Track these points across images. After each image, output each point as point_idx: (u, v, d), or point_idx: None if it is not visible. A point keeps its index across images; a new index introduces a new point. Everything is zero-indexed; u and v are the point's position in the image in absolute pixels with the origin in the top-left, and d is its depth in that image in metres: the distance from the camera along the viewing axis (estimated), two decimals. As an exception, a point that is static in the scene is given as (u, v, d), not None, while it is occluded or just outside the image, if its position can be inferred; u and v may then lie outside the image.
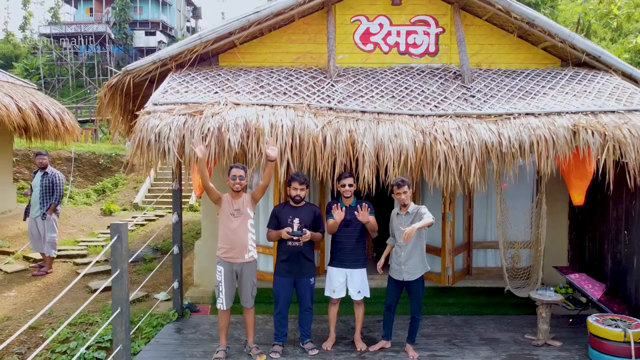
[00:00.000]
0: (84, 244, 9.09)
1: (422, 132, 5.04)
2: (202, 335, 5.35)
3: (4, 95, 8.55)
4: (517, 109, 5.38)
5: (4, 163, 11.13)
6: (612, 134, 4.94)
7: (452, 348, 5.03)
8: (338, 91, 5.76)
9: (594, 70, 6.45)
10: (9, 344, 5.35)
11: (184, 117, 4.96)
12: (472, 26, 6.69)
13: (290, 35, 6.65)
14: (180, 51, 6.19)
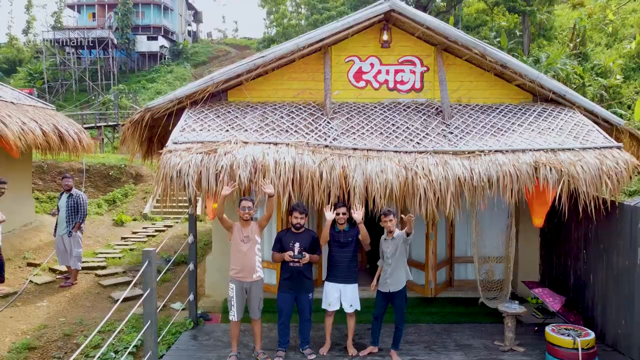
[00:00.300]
0: (102, 256, 9.94)
1: (405, 168, 5.89)
2: (215, 342, 6.20)
3: (30, 120, 9.38)
4: (488, 146, 6.23)
5: (24, 177, 11.94)
6: (567, 170, 5.79)
7: (430, 353, 5.89)
8: (333, 128, 6.62)
9: (560, 106, 7.30)
10: (48, 349, 6.24)
11: (201, 155, 5.82)
12: (454, 65, 7.53)
13: (291, 74, 7.50)
14: (194, 91, 7.04)
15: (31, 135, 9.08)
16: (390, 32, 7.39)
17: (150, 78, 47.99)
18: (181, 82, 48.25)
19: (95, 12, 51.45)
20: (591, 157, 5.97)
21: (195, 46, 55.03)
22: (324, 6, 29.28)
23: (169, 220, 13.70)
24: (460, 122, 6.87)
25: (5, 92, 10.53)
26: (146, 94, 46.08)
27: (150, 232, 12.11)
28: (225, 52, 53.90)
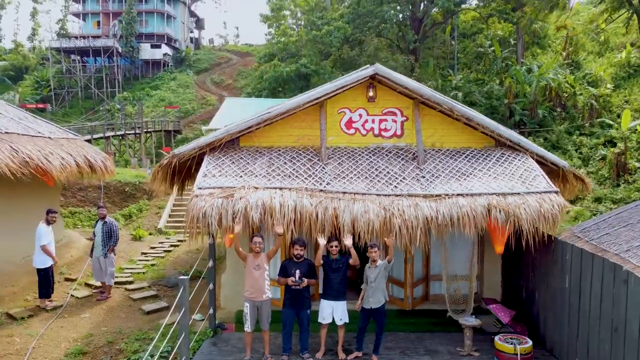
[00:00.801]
0: (128, 271, 11.46)
1: (384, 209, 7.42)
2: (232, 348, 7.73)
3: (67, 154, 10.90)
4: (452, 190, 7.75)
5: (54, 198, 13.43)
6: (513, 211, 7.31)
7: (404, 357, 7.42)
8: (327, 173, 8.14)
9: (516, 151, 8.82)
10: (96, 354, 7.78)
11: (221, 200, 7.34)
12: (429, 115, 9.05)
13: (292, 123, 9.01)
14: (213, 140, 8.57)
15: (69, 168, 10.59)
16: (375, 88, 8.91)
17: (154, 85, 49.57)
18: (184, 89, 49.84)
19: (100, 21, 52.99)
20: (533, 200, 7.49)
21: (197, 53, 56.57)
22: (322, 22, 30.78)
23: (181, 235, 15.21)
24: (432, 167, 8.39)
25: (41, 126, 12.04)
26: (150, 101, 47.65)
27: (166, 247, 13.63)
28: (227, 59, 55.46)
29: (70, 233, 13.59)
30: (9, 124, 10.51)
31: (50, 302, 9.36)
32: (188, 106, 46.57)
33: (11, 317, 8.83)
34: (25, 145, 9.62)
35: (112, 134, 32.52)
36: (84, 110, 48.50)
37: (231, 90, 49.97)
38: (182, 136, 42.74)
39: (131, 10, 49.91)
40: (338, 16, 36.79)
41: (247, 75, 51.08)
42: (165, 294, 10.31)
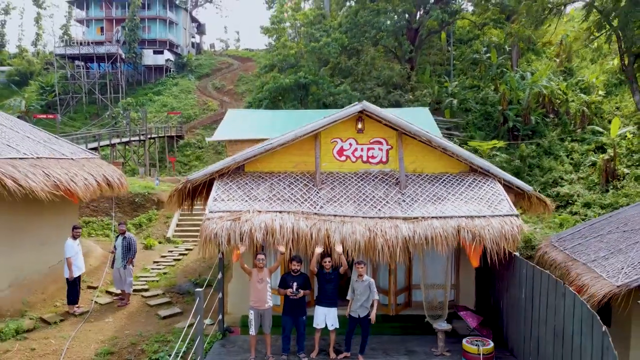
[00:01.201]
0: (143, 280, 12.75)
1: (369, 230, 8.71)
2: (238, 349, 9.03)
3: (88, 174, 12.20)
4: (428, 213, 9.05)
5: (73, 212, 14.74)
6: (479, 232, 8.60)
7: (386, 357, 8.72)
8: (321, 197, 9.44)
9: (487, 177, 10.11)
10: (122, 354, 9.09)
11: (229, 222, 8.63)
12: (411, 144, 10.33)
13: (291, 151, 10.29)
14: (221, 168, 9.88)
15: (91, 187, 11.89)
16: (363, 121, 10.20)
17: (156, 91, 50.80)
18: (186, 94, 51.09)
19: (104, 27, 54.22)
20: (497, 222, 8.78)
21: (199, 58, 57.82)
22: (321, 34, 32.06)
23: (188, 243, 16.53)
24: (412, 191, 9.69)
25: (63, 146, 13.34)
26: (153, 106, 48.90)
27: (175, 256, 14.93)
28: (228, 64, 56.69)
29: (88, 243, 14.87)
30: (38, 148, 11.81)
31: (77, 308, 10.67)
32: (190, 111, 47.83)
33: (45, 322, 10.13)
34: (54, 169, 10.91)
35: (117, 141, 33.76)
36: (88, 116, 49.79)
37: (232, 95, 51.24)
38: (184, 141, 44.04)
39: (134, 17, 51.17)
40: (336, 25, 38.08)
41: (248, 80, 52.34)
42: (178, 301, 11.61)
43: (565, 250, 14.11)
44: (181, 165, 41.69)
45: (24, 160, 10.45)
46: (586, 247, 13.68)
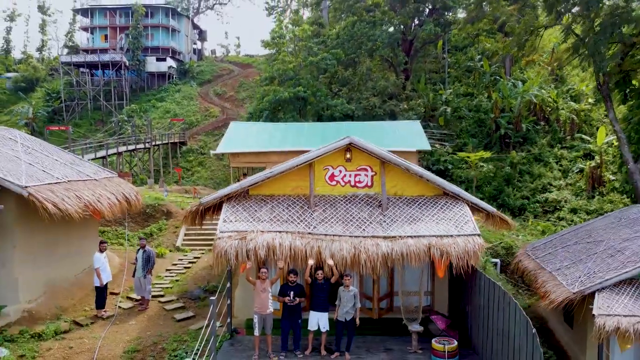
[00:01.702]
0: (158, 287, 14.44)
1: (354, 247, 10.44)
2: (244, 347, 10.76)
3: (110, 194, 13.92)
4: (404, 232, 10.76)
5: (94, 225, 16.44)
6: (446, 250, 10.33)
7: (368, 354, 10.46)
8: (314, 219, 11.16)
9: (457, 200, 11.82)
10: (146, 352, 10.83)
11: (237, 241, 10.36)
12: (392, 171, 12.04)
13: (290, 176, 12.01)
14: (229, 192, 11.62)
15: (114, 206, 13.62)
16: (351, 152, 11.92)
17: (159, 97, 52.54)
18: (188, 101, 52.82)
19: (108, 34, 55.89)
20: (462, 241, 10.51)
21: (200, 65, 59.54)
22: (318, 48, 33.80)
23: (196, 252, 18.24)
24: (392, 213, 11.41)
25: (87, 167, 15.06)
26: (156, 112, 50.65)
27: (185, 264, 16.64)
28: (229, 71, 58.42)
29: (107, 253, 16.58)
30: (67, 171, 13.54)
31: (104, 312, 12.40)
32: (192, 118, 49.55)
33: (78, 324, 11.87)
34: (83, 191, 12.63)
35: (124, 149, 35.46)
36: (93, 122, 51.55)
37: (233, 101, 52.98)
38: (187, 147, 45.77)
39: (138, 25, 52.88)
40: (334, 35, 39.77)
41: (248, 87, 54.08)
42: (190, 305, 13.34)
43: (536, 259, 15.91)
44: (184, 171, 43.42)
45: (59, 185, 12.17)
46: (554, 257, 15.47)
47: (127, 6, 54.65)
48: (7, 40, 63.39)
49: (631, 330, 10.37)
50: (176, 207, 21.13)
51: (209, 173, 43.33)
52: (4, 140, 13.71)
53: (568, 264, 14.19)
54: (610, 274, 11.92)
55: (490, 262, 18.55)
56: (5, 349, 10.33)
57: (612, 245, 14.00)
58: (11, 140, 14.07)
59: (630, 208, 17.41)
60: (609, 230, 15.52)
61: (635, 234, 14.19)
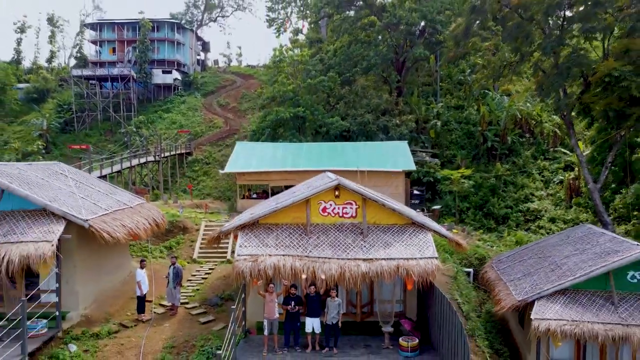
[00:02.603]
0: (183, 295, 17.77)
1: (340, 267, 13.80)
2: (256, 344, 14.12)
3: (144, 219, 17.26)
4: (379, 255, 14.11)
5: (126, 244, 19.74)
6: (411, 269, 13.69)
7: (351, 349, 13.83)
8: (310, 244, 14.53)
9: (423, 229, 15.17)
10: (180, 348, 14.24)
11: (250, 263, 13.73)
12: (372, 205, 15.38)
13: (291, 209, 15.34)
14: (244, 222, 14.98)
15: (147, 230, 16.97)
16: (339, 190, 15.27)
17: (165, 108, 55.83)
18: (193, 112, 56.13)
19: (116, 47, 59.15)
20: (423, 262, 13.86)
21: (204, 76, 62.81)
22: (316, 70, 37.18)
23: (210, 264, 21.57)
24: (371, 239, 14.76)
25: (123, 196, 18.41)
26: (163, 123, 53.97)
27: (202, 275, 19.97)
28: (231, 82, 61.71)
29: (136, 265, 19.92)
30: (110, 202, 16.89)
31: (144, 316, 15.78)
32: (197, 129, 52.86)
33: (124, 326, 15.24)
34: (125, 220, 15.98)
35: (136, 163, 38.77)
36: (102, 132, 54.88)
37: (236, 112, 56.27)
38: (192, 157, 49.07)
39: (145, 39, 56.14)
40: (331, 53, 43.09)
41: (250, 98, 57.34)
42: (210, 311, 16.70)
43: (497, 270, 19.35)
44: (190, 180, 46.74)
45: (107, 215, 15.52)
46: (511, 269, 18.87)
47: (134, 21, 57.91)
48: (18, 51, 66.68)
49: (558, 331, 13.76)
50: (191, 223, 24.50)
51: (214, 182, 46.56)
52: (57, 175, 17.06)
53: (520, 276, 17.61)
54: (548, 285, 15.32)
55: (463, 272, 21.96)
56: (74, 345, 13.70)
57: (555, 261, 17.35)
58: (62, 175, 17.42)
59: (578, 227, 20.80)
60: (557, 247, 18.87)
61: (576, 251, 17.50)
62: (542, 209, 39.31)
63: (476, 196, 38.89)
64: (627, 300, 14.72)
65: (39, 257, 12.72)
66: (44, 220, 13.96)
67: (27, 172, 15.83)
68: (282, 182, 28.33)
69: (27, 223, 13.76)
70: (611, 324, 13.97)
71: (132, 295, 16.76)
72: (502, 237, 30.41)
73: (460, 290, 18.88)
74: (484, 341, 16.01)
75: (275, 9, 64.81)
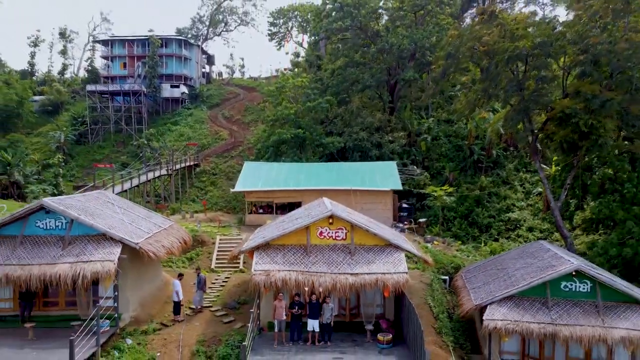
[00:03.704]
0: (207, 301, 22.31)
1: (333, 280, 18.36)
2: (267, 339, 18.65)
3: (175, 239, 21.80)
4: (363, 271, 18.66)
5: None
6: (387, 282, 18.24)
7: (341, 342, 18.39)
8: (310, 262, 19.08)
9: (397, 249, 19.70)
10: (209, 342, 18.87)
11: (264, 277, 18.29)
12: (359, 230, 19.91)
13: (295, 234, 19.83)
14: (259, 243, 19.55)
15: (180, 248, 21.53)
16: (333, 218, 19.80)
17: (174, 121, 60.33)
18: (200, 124, 60.60)
19: (126, 62, 63.61)
20: (396, 276, 18.39)
21: (209, 88, 67.30)
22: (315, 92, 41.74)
23: (226, 273, 26.10)
24: (357, 257, 19.30)
25: (157, 219, 22.93)
26: (171, 135, 58.46)
27: (221, 283, 24.48)
28: (235, 94, 66.20)
29: (166, 276, 24.48)
30: (149, 226, 21.40)
31: (179, 317, 20.34)
32: (204, 141, 57.34)
33: (164, 325, 19.78)
34: (164, 241, 20.51)
35: (152, 177, 43.24)
36: (114, 144, 59.39)
37: (240, 125, 60.74)
38: (200, 169, 53.55)
39: (154, 56, 60.60)
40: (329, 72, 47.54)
41: (253, 111, 61.84)
42: (230, 313, 21.23)
43: (465, 279, 23.91)
44: (198, 190, 51.26)
45: (150, 238, 20.04)
46: (475, 278, 23.40)
47: (144, 38, 62.36)
48: (32, 64, 71.15)
49: (503, 329, 18.24)
50: (208, 237, 29.07)
51: (221, 192, 51.02)
52: (107, 204, 21.59)
53: (480, 284, 22.15)
54: (499, 292, 19.81)
55: (440, 279, 26.47)
56: (130, 339, 18.26)
57: (508, 272, 21.87)
58: (109, 202, 21.95)
59: (533, 243, 25.35)
60: (513, 260, 23.38)
61: (525, 264, 21.98)
62: (522, 218, 43.95)
63: (462, 206, 43.49)
64: (559, 305, 19.16)
65: (105, 272, 17.27)
66: (105, 243, 18.46)
67: (85, 203, 20.33)
68: (285, 199, 32.92)
69: (92, 246, 18.26)
70: (544, 324, 18.39)
71: (166, 300, 21.33)
72: (479, 248, 34.92)
73: (433, 295, 23.38)
74: (449, 337, 20.54)
75: (276, 23, 69.33)
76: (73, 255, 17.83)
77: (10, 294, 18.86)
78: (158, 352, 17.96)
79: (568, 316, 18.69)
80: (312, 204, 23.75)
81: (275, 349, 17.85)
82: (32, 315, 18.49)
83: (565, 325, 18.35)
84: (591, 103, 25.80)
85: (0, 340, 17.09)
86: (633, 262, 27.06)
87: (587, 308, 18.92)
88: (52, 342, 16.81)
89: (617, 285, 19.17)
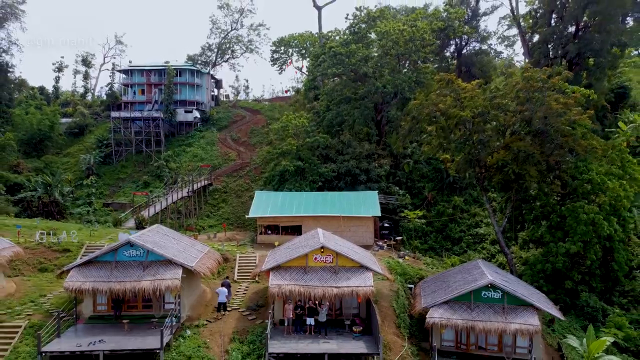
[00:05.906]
0: (235, 305, 32.39)
1: (323, 291, 28.50)
2: (279, 331, 28.69)
3: (214, 261, 31.89)
4: (344, 285, 28.78)
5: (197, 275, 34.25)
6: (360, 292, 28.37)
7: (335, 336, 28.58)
8: (308, 278, 29.22)
9: (367, 269, 29.77)
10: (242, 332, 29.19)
11: (277, 288, 28.43)
12: (342, 256, 29.98)
13: (297, 259, 29.87)
14: (274, 265, 29.70)
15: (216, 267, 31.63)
16: (323, 248, 29.88)
17: (188, 143, 70.32)
18: (211, 146, 70.56)
19: (145, 89, 73.55)
20: (365, 288, 28.43)
21: (218, 111, 77.23)
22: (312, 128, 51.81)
23: (245, 283, 36.15)
24: (340, 275, 29.37)
25: (197, 245, 33.03)
26: (186, 156, 68.49)
27: (242, 291, 34.51)
28: (241, 117, 76.19)
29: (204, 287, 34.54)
30: (194, 252, 31.46)
31: (219, 315, 30.49)
32: (215, 162, 67.37)
33: (209, 321, 29.81)
34: (207, 264, 30.60)
35: (176, 199, 53.25)
36: (136, 164, 69.31)
37: (247, 146, 70.76)
38: (213, 187, 63.57)
39: (170, 84, 70.54)
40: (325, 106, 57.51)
41: (258, 133, 71.84)
42: (252, 312, 31.30)
43: (421, 288, 34.13)
44: (212, 207, 61.34)
45: (199, 261, 30.09)
46: (428, 287, 33.60)
47: (160, 67, 72.23)
48: (57, 87, 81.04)
49: (439, 324, 28.44)
50: (230, 254, 39.20)
51: (231, 209, 61.11)
52: (165, 236, 31.66)
53: (429, 292, 32.35)
54: (439, 299, 29.98)
55: (407, 287, 36.61)
56: (188, 330, 28.38)
57: (449, 284, 32.06)
58: (166, 235, 32.04)
59: (472, 262, 35.51)
60: (455, 275, 33.57)
61: (462, 278, 32.16)
62: (487, 233, 54.17)
63: (438, 222, 53.69)
64: (479, 307, 29.20)
65: (174, 287, 27.38)
66: (170, 266, 28.52)
67: (153, 237, 30.39)
68: (289, 223, 43.04)
69: (162, 269, 28.32)
70: (466, 320, 28.51)
71: (206, 304, 31.45)
72: (443, 260, 45.07)
73: (397, 300, 33.51)
74: (406, 330, 30.71)
75: (278, 50, 79.28)
76: (151, 275, 27.89)
77: (105, 300, 28.97)
78: (207, 339, 28.09)
79: (484, 315, 28.78)
80: (309, 233, 33.86)
81: (285, 337, 28.02)
82: (121, 315, 28.62)
83: (481, 321, 28.46)
84: (518, 156, 35.90)
85: (107, 330, 27.17)
86: (551, 275, 37.32)
87: (497, 309, 28.98)
88: (141, 332, 26.89)
89: (517, 294, 29.28)
